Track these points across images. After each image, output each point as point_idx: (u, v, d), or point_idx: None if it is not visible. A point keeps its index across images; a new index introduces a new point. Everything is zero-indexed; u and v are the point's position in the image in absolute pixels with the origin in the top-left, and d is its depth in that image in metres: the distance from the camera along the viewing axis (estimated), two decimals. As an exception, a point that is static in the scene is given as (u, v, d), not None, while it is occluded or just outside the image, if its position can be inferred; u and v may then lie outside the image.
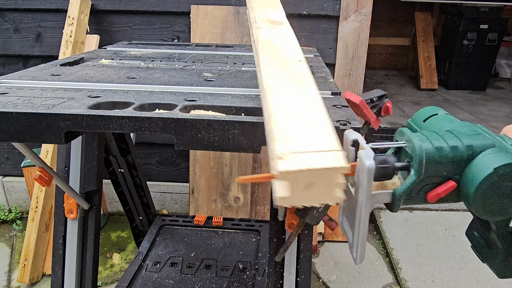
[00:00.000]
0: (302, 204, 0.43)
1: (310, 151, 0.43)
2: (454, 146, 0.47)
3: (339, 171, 0.41)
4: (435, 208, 2.29)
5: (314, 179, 0.42)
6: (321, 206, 0.44)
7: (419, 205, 0.51)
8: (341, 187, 0.42)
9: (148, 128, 0.58)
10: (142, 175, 1.62)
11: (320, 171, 0.41)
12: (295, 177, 0.41)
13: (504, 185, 0.45)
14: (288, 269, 1.05)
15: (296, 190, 0.42)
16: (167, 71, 0.97)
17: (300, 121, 0.49)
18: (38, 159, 0.89)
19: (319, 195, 0.42)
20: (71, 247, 1.09)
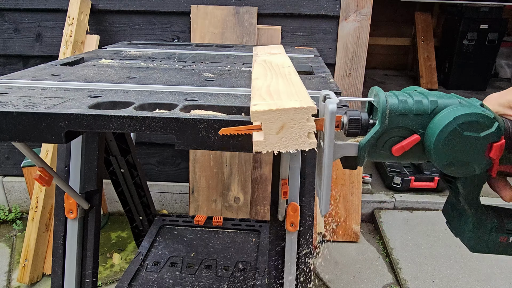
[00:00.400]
0: (277, 149, 0.46)
1: (282, 101, 0.47)
2: (419, 100, 0.49)
3: (307, 111, 0.44)
4: (435, 208, 2.29)
5: (284, 121, 0.45)
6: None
7: (387, 160, 0.51)
8: (311, 129, 0.45)
9: (148, 128, 0.58)
10: (142, 175, 1.62)
11: (289, 111, 0.44)
12: (266, 119, 0.44)
13: (465, 135, 0.46)
14: (288, 269, 1.05)
15: (269, 134, 0.45)
16: (167, 71, 0.97)
17: (277, 92, 0.53)
18: (38, 159, 0.89)
19: (292, 139, 0.45)
20: (71, 247, 1.09)
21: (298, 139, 0.46)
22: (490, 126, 0.46)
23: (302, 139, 0.46)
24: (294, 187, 1.01)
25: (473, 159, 0.48)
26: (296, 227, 1.02)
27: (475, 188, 0.53)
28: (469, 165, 0.48)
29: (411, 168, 2.59)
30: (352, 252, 2.00)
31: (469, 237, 0.56)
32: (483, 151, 0.47)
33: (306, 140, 0.46)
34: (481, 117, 0.46)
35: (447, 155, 0.47)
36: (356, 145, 0.50)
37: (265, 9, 1.86)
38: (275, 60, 0.92)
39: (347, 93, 1.95)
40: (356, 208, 2.07)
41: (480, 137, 0.46)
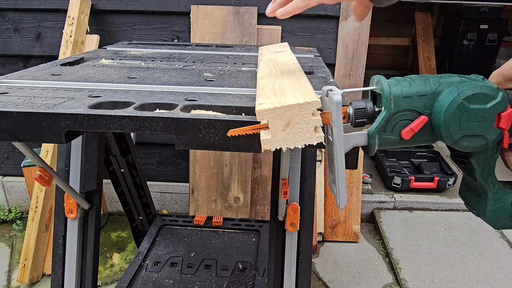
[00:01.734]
0: (286, 146, 0.46)
1: (287, 98, 0.48)
2: (421, 81, 0.50)
3: (312, 106, 0.45)
4: (435, 208, 2.29)
5: (290, 117, 0.45)
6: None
7: (397, 146, 0.52)
8: (318, 123, 0.46)
9: (148, 128, 0.58)
10: (142, 175, 1.62)
11: (293, 107, 0.45)
12: (272, 117, 0.45)
13: (471, 108, 0.47)
14: (288, 269, 1.05)
15: (276, 131, 0.45)
16: (167, 71, 0.97)
17: (282, 89, 0.54)
18: (38, 159, 0.89)
19: (299, 134, 0.46)
20: (71, 247, 1.09)
21: (305, 134, 0.46)
22: (495, 96, 0.47)
23: (309, 133, 0.46)
24: (294, 187, 1.01)
25: (483, 131, 0.48)
26: (296, 227, 1.02)
27: (489, 162, 0.53)
28: (480, 138, 0.49)
29: (411, 168, 2.59)
30: (352, 252, 2.00)
31: (491, 215, 0.56)
32: (492, 122, 0.48)
33: (313, 134, 0.46)
34: (485, 89, 0.47)
35: (456, 131, 0.48)
36: (365, 133, 0.51)
37: (265, 9, 1.86)
38: (280, 58, 0.92)
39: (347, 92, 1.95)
40: (356, 208, 2.07)
41: (486, 108, 0.47)
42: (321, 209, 2.05)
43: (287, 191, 0.97)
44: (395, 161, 2.64)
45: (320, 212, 2.05)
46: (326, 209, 2.07)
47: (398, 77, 0.52)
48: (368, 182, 2.36)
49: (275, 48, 1.16)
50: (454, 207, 2.30)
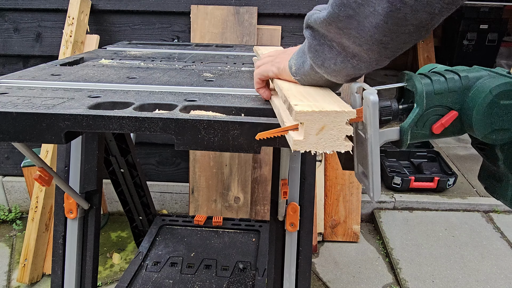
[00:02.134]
0: (315, 149, 0.48)
1: (321, 103, 0.50)
2: (451, 77, 0.52)
3: (346, 115, 0.47)
4: (435, 208, 2.29)
5: (325, 122, 0.47)
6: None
7: (427, 139, 0.55)
8: (348, 132, 0.47)
9: (148, 129, 0.58)
10: (142, 175, 1.62)
11: (330, 114, 0.46)
12: (308, 119, 0.47)
13: (501, 104, 0.50)
14: (288, 269, 1.05)
15: (309, 134, 0.47)
16: (167, 71, 0.97)
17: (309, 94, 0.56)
18: (38, 159, 0.89)
19: (330, 141, 0.47)
20: (71, 247, 1.09)
21: (335, 141, 0.47)
22: None
23: (339, 141, 0.47)
24: (294, 187, 1.01)
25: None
26: (296, 227, 1.02)
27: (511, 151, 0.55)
28: (509, 132, 0.52)
29: (411, 168, 2.59)
30: (352, 252, 2.00)
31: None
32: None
33: (343, 143, 0.48)
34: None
35: (487, 125, 0.51)
36: (398, 129, 0.53)
37: (265, 9, 1.86)
38: None
39: (347, 93, 1.95)
40: (356, 208, 2.07)
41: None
42: (321, 209, 2.05)
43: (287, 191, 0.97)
44: (395, 161, 2.64)
45: (320, 212, 2.05)
46: (326, 209, 2.07)
47: (427, 73, 0.54)
48: (368, 182, 2.36)
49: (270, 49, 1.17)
50: (454, 207, 2.29)
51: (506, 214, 2.27)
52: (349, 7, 0.44)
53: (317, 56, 0.53)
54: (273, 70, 0.65)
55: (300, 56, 0.59)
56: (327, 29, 0.49)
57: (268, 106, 0.68)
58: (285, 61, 0.63)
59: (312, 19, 0.51)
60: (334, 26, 0.47)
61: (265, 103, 0.70)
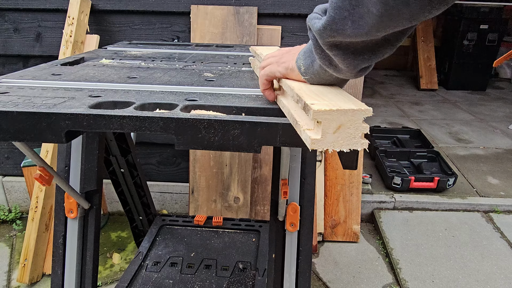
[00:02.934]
0: (332, 148, 0.48)
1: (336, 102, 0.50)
2: None
3: (363, 114, 0.47)
4: (435, 208, 2.29)
5: (342, 121, 0.47)
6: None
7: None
8: (365, 130, 0.48)
9: (148, 128, 0.58)
10: (142, 175, 1.62)
11: (347, 112, 0.47)
12: (326, 118, 0.47)
13: None
14: (288, 269, 1.05)
15: (326, 133, 0.47)
16: (167, 71, 0.97)
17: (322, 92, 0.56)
18: (38, 159, 0.89)
19: (347, 139, 0.48)
20: (71, 247, 1.09)
21: (352, 139, 0.48)
22: None
23: (356, 139, 0.48)
24: (294, 187, 1.02)
25: None
26: (296, 227, 1.02)
27: None
28: None
29: (411, 168, 2.59)
30: (352, 252, 2.00)
31: None
32: None
33: (359, 140, 0.48)
34: None
35: None
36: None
37: (265, 9, 1.86)
38: None
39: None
40: (356, 208, 2.07)
41: None
42: (321, 209, 2.05)
43: (287, 191, 0.97)
44: (395, 161, 2.64)
45: (320, 212, 2.05)
46: (326, 209, 2.07)
47: None
48: (368, 182, 2.36)
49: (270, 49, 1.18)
50: (454, 207, 2.30)
51: (506, 214, 2.27)
52: (345, 9, 0.45)
53: (324, 57, 0.54)
54: (280, 70, 0.65)
55: (308, 56, 0.59)
56: (327, 34, 0.50)
57: (269, 105, 0.68)
58: (292, 61, 0.63)
59: (314, 28, 0.52)
60: (329, 29, 0.49)
61: (266, 103, 0.70)
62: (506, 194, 2.40)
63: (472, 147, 3.11)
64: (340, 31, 0.48)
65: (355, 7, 0.45)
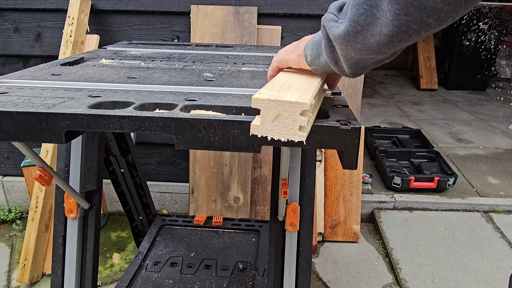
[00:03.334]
0: (271, 135, 0.51)
1: (282, 93, 0.52)
2: None
3: (301, 106, 0.49)
4: (435, 208, 2.29)
5: (280, 111, 0.49)
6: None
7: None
8: (303, 123, 0.49)
9: (148, 128, 0.58)
10: (142, 175, 1.62)
11: (285, 103, 0.49)
12: (265, 107, 0.50)
13: None
14: (288, 269, 1.05)
15: (266, 121, 0.50)
16: (167, 71, 0.97)
17: (289, 87, 0.57)
18: (38, 159, 0.89)
19: (285, 129, 0.50)
20: (71, 247, 1.09)
21: (290, 129, 0.50)
22: None
23: (293, 130, 0.50)
24: (294, 187, 1.01)
25: None
26: (296, 227, 1.02)
27: None
28: None
29: (411, 168, 2.59)
30: (352, 252, 2.00)
31: None
32: None
33: (297, 132, 0.50)
34: None
35: None
36: None
37: (265, 9, 1.86)
38: None
39: (347, 93, 1.95)
40: (356, 208, 2.07)
41: None
42: (321, 209, 2.05)
43: (287, 191, 0.97)
44: (395, 161, 2.64)
45: (320, 212, 2.05)
46: (326, 209, 2.07)
47: None
48: (368, 182, 2.36)
49: None
50: (454, 207, 2.29)
51: (506, 214, 2.27)
52: (359, 24, 0.46)
53: (331, 57, 0.55)
54: (293, 58, 0.66)
55: (316, 47, 0.60)
56: (341, 42, 0.51)
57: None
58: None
59: (330, 32, 0.52)
60: (342, 38, 0.50)
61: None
62: (506, 194, 2.40)
63: (472, 147, 3.11)
64: (352, 43, 0.49)
65: (369, 25, 0.46)
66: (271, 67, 0.70)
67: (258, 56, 1.29)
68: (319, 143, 0.58)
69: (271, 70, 0.70)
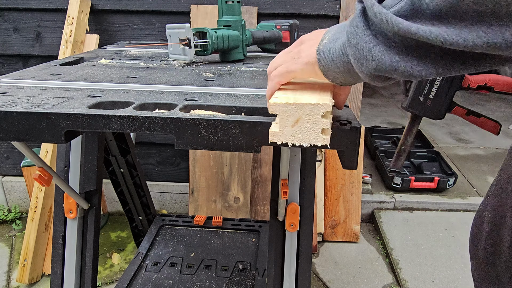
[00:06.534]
0: (292, 142, 0.48)
1: (300, 96, 0.49)
2: None
3: (321, 108, 0.46)
4: (435, 209, 2.29)
5: (300, 115, 0.47)
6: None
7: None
8: (325, 126, 0.47)
9: (148, 128, 0.58)
10: (142, 175, 1.62)
11: (304, 106, 0.46)
12: (283, 111, 0.47)
13: None
14: (288, 269, 1.05)
15: (285, 126, 0.47)
16: (167, 71, 0.96)
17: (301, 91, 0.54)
18: (37, 159, 0.89)
19: (306, 133, 0.47)
20: (71, 247, 1.08)
21: (312, 133, 0.47)
22: None
23: (315, 134, 0.47)
24: (294, 187, 1.01)
25: None
26: (296, 227, 1.02)
27: None
28: None
29: (411, 168, 2.59)
30: (352, 252, 2.00)
31: None
32: None
33: (320, 136, 0.47)
34: None
35: None
36: None
37: (265, 9, 1.86)
38: None
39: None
40: (356, 208, 2.07)
41: None
42: (321, 209, 2.05)
43: (287, 191, 0.97)
44: (395, 161, 2.64)
45: (320, 212, 2.05)
46: (326, 209, 2.07)
47: None
48: (368, 182, 2.36)
49: None
50: (454, 207, 2.29)
51: (506, 214, 2.27)
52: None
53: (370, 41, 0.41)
54: (301, 68, 0.51)
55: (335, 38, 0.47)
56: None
57: (268, 105, 0.68)
58: (313, 49, 0.49)
59: (392, 24, 0.38)
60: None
61: (265, 102, 0.70)
62: (506, 194, 2.39)
63: (472, 147, 3.11)
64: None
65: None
66: (271, 85, 0.55)
67: (258, 56, 1.29)
68: (319, 143, 0.58)
69: (271, 90, 0.55)
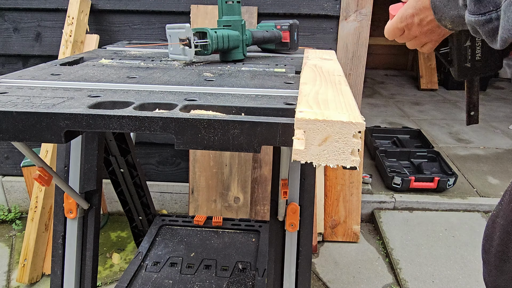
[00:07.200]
0: (317, 162, 0.43)
1: (328, 112, 0.45)
2: None
3: (355, 127, 0.42)
4: (435, 209, 2.29)
5: (329, 133, 0.42)
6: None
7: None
8: (356, 146, 0.42)
9: (148, 128, 0.58)
10: (142, 175, 1.61)
11: (335, 124, 0.42)
12: (310, 128, 0.42)
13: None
14: (288, 269, 1.05)
15: (311, 144, 0.43)
16: (167, 71, 0.96)
17: (326, 101, 0.50)
18: (37, 159, 0.89)
19: (334, 153, 0.43)
20: (71, 247, 1.08)
21: (340, 154, 0.43)
22: None
23: (344, 155, 0.43)
24: (294, 187, 1.01)
25: None
26: (296, 227, 1.02)
27: None
28: None
29: (411, 168, 2.59)
30: (352, 252, 2.00)
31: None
32: None
33: (349, 157, 0.43)
34: None
35: None
36: None
37: (265, 9, 1.86)
38: (326, 66, 0.88)
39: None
40: (356, 208, 2.07)
41: None
42: (321, 209, 2.05)
43: (287, 191, 0.97)
44: (395, 161, 2.64)
45: (320, 212, 2.05)
46: (326, 209, 2.07)
47: None
48: (368, 182, 2.36)
49: (321, 54, 1.14)
50: (454, 207, 2.29)
51: (506, 214, 2.27)
52: None
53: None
54: (415, 21, 0.55)
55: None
56: None
57: (269, 105, 0.68)
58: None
59: None
60: None
61: (265, 102, 0.70)
62: (506, 194, 2.39)
63: (472, 147, 3.11)
64: None
65: None
66: (395, 23, 0.57)
67: (258, 56, 1.29)
68: (319, 143, 0.57)
69: (394, 29, 0.58)
